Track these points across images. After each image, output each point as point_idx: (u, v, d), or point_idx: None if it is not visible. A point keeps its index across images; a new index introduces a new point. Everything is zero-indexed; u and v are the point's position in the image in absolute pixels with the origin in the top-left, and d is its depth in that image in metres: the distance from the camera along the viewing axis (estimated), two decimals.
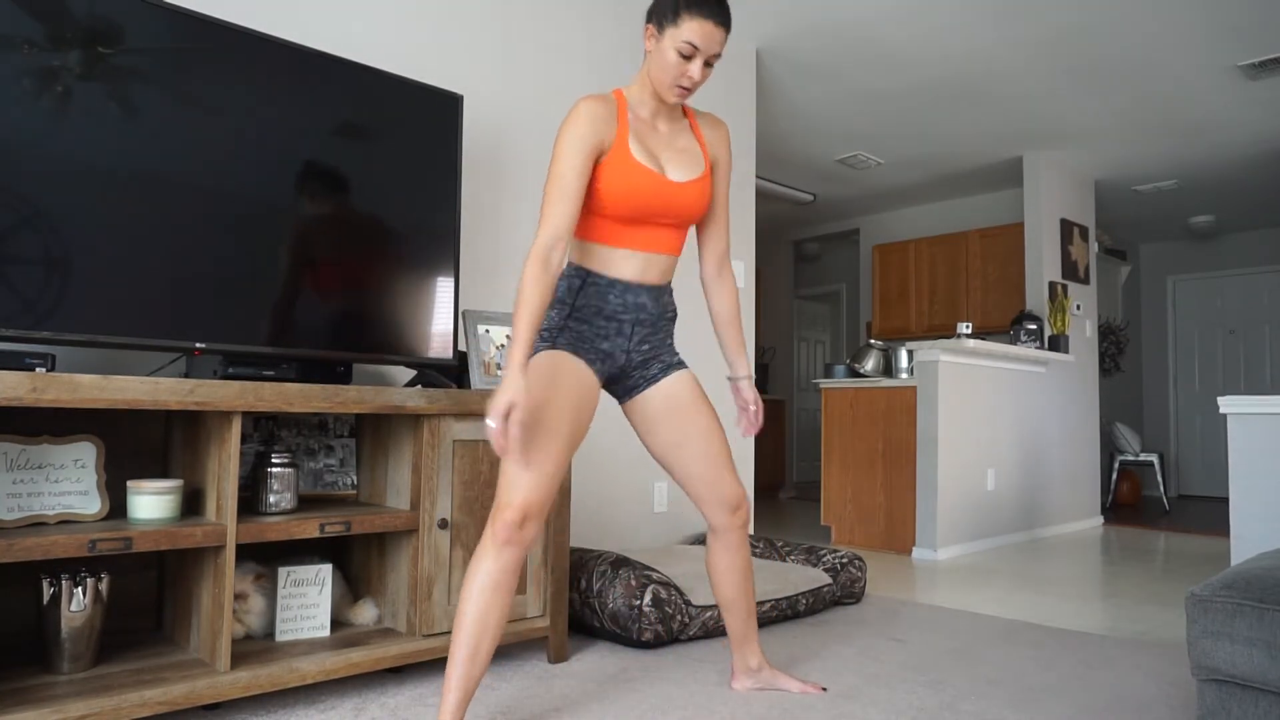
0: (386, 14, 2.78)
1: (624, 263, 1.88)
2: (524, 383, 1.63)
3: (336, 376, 2.21)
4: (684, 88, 1.81)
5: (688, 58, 1.78)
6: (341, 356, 2.17)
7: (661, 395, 1.98)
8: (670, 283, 1.99)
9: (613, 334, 1.90)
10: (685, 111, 1.99)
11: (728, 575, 2.06)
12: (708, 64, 1.80)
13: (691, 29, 1.75)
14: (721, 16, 1.78)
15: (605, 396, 3.38)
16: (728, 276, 2.08)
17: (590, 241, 1.88)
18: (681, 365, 2.02)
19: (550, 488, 1.75)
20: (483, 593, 1.69)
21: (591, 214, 1.86)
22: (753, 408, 2.06)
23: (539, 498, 1.72)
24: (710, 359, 3.82)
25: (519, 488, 1.71)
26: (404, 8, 2.82)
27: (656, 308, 1.94)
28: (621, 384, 1.99)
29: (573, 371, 1.84)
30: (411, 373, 2.72)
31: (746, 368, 2.09)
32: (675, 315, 2.02)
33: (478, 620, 1.68)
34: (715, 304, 2.09)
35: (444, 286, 2.38)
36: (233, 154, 2.01)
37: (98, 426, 2.04)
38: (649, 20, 1.83)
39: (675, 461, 1.99)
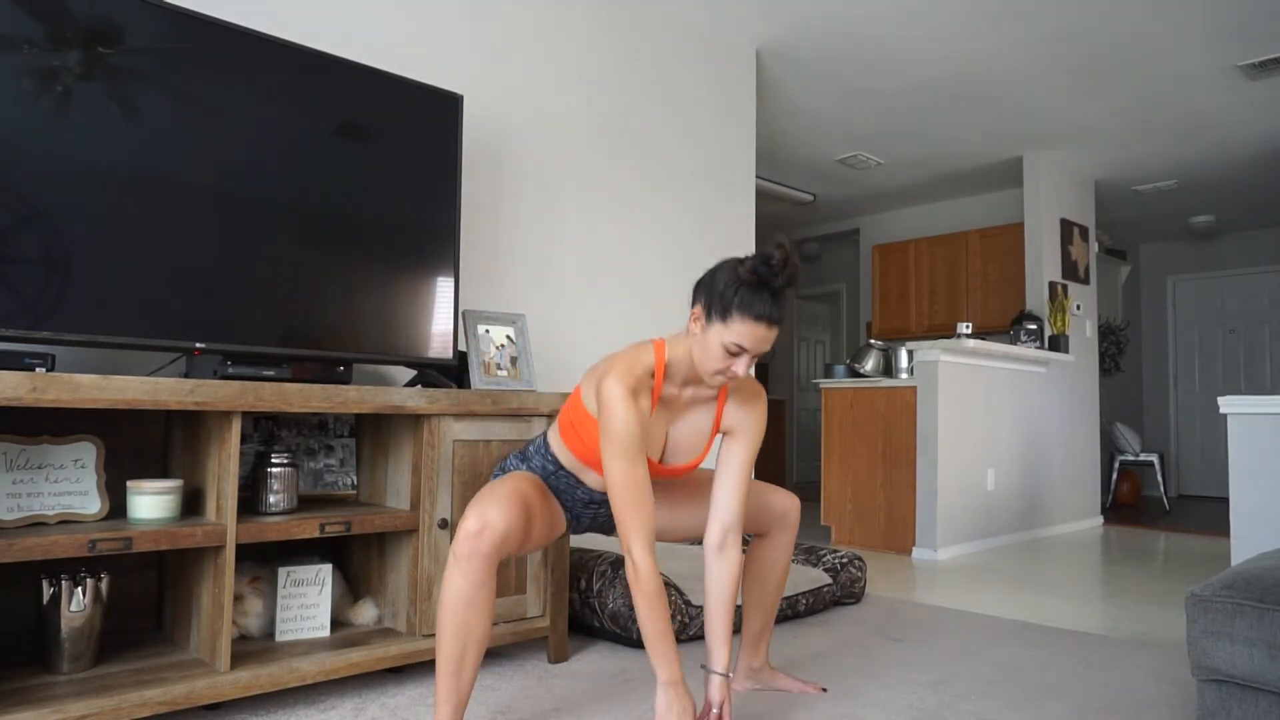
0: (387, 14, 2.78)
1: (596, 480, 1.90)
2: (691, 698, 1.67)
3: (336, 376, 2.21)
4: (726, 379, 1.70)
5: (734, 355, 1.65)
6: (341, 356, 2.17)
7: None
8: None
9: (579, 506, 1.95)
10: None
11: (768, 573, 2.08)
12: (753, 358, 1.69)
13: (742, 332, 1.62)
14: (775, 317, 1.63)
15: None
16: (731, 553, 1.83)
17: (571, 453, 1.86)
18: None
19: (513, 523, 1.67)
20: (456, 611, 1.64)
21: (581, 443, 1.82)
22: (715, 711, 1.77)
23: (499, 517, 1.65)
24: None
25: (479, 506, 1.67)
26: (404, 8, 2.82)
27: None
28: (599, 527, 2.04)
29: (549, 495, 1.89)
30: (411, 373, 2.72)
31: (727, 661, 1.81)
32: None
33: (458, 636, 1.65)
34: (711, 579, 1.84)
35: (444, 286, 2.38)
36: (233, 154, 2.01)
37: (98, 426, 2.04)
38: (696, 299, 1.70)
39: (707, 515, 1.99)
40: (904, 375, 4.75)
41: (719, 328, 1.64)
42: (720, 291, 1.64)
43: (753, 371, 4.20)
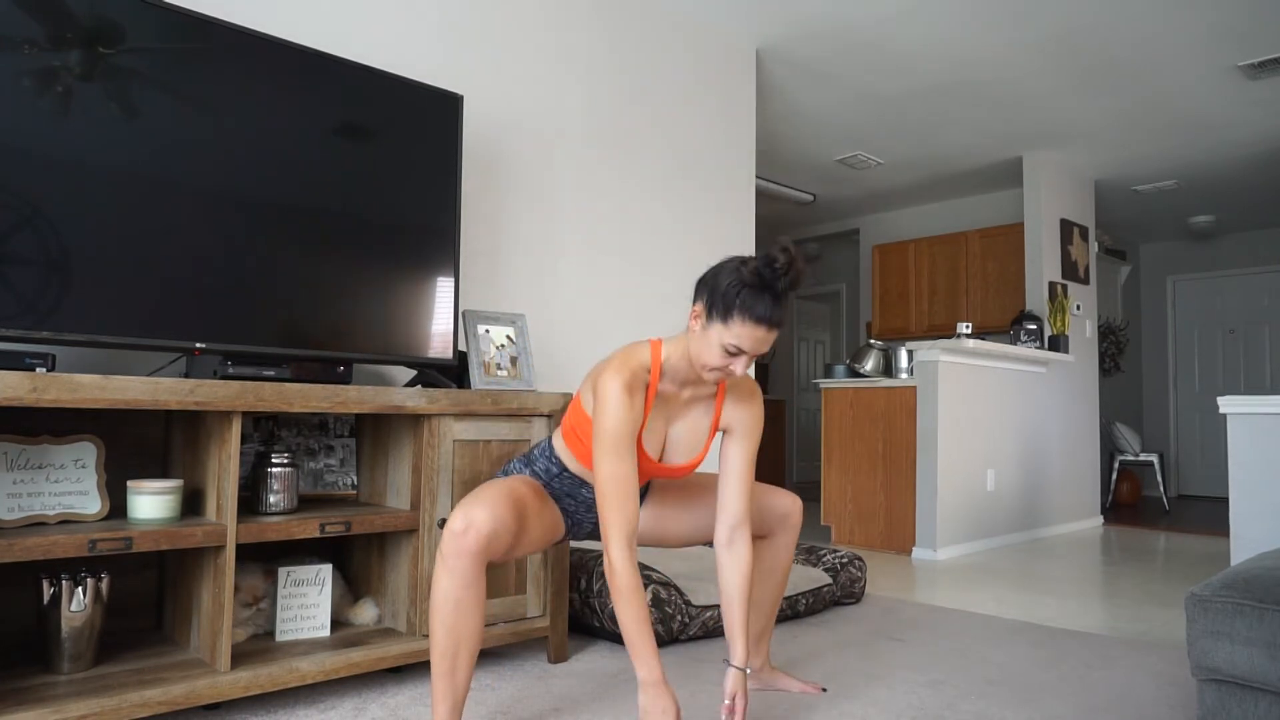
0: (387, 14, 2.78)
1: None
2: (673, 696, 1.63)
3: (336, 376, 2.21)
4: (724, 376, 1.69)
5: (733, 355, 1.65)
6: (341, 356, 2.17)
7: (645, 515, 1.99)
8: None
9: (581, 510, 1.94)
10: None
11: (769, 575, 2.08)
12: (751, 358, 1.68)
13: (742, 333, 1.61)
14: (776, 320, 1.62)
15: None
16: (739, 547, 1.83)
17: (575, 457, 1.87)
18: None
19: (501, 522, 1.66)
20: (445, 612, 1.64)
21: (584, 446, 1.82)
22: (727, 701, 1.77)
23: (487, 519, 1.64)
24: None
25: (467, 505, 1.66)
26: (404, 8, 2.82)
27: None
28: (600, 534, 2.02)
29: (549, 500, 1.88)
30: (411, 373, 2.72)
31: (744, 655, 1.80)
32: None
33: (449, 637, 1.65)
34: (723, 575, 1.85)
35: (444, 286, 2.38)
36: (232, 154, 2.01)
37: (98, 426, 2.04)
38: (698, 297, 1.69)
39: (708, 530, 2.00)
40: (904, 375, 4.75)
41: (719, 328, 1.63)
42: (722, 292, 1.63)
43: (751, 371, 4.20)
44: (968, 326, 5.07)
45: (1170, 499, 8.03)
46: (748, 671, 1.84)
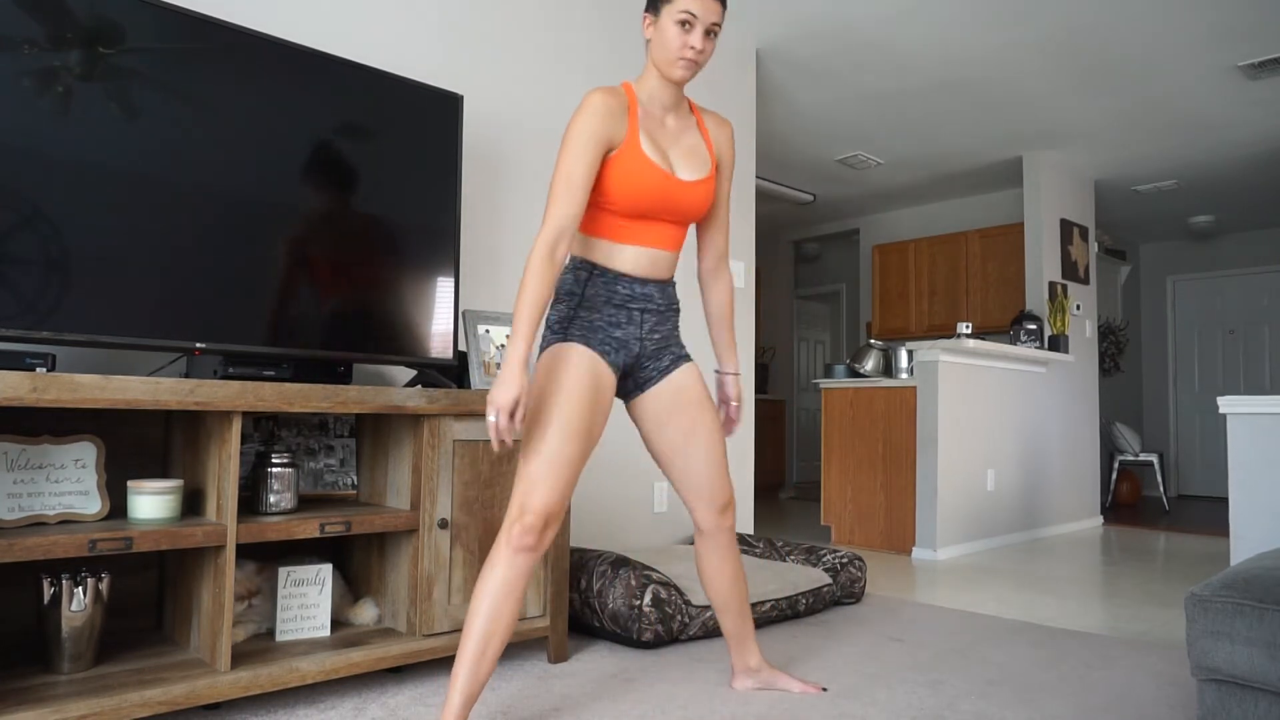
0: (387, 14, 2.78)
1: (629, 258, 1.89)
2: (526, 378, 1.66)
3: (336, 376, 2.21)
4: (689, 59, 1.81)
5: (688, 26, 1.78)
6: (341, 356, 2.17)
7: (675, 388, 1.98)
8: (673, 278, 2.00)
9: (624, 321, 1.90)
10: (692, 109, 1.99)
11: (718, 578, 2.07)
12: (709, 34, 1.81)
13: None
14: None
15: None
16: (724, 274, 2.11)
17: (595, 237, 1.89)
18: (689, 358, 2.03)
19: (568, 490, 1.76)
20: (494, 598, 1.70)
21: (598, 209, 1.87)
22: (734, 404, 2.11)
23: (559, 501, 1.74)
24: (705, 358, 3.82)
25: (539, 493, 1.72)
26: (404, 8, 2.82)
27: (663, 299, 1.96)
28: (635, 376, 1.98)
29: (587, 366, 1.83)
30: (411, 373, 2.73)
31: (736, 364, 2.12)
32: (679, 308, 2.03)
33: (488, 623, 1.70)
34: (711, 300, 2.11)
35: (444, 286, 2.38)
36: (232, 154, 2.01)
37: (98, 426, 2.04)
38: (646, 10, 1.86)
39: (680, 458, 1.99)
40: (904, 375, 4.75)
41: (667, 9, 1.79)
42: None
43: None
44: (968, 326, 5.07)
45: (1170, 499, 8.03)
46: (739, 374, 2.02)
